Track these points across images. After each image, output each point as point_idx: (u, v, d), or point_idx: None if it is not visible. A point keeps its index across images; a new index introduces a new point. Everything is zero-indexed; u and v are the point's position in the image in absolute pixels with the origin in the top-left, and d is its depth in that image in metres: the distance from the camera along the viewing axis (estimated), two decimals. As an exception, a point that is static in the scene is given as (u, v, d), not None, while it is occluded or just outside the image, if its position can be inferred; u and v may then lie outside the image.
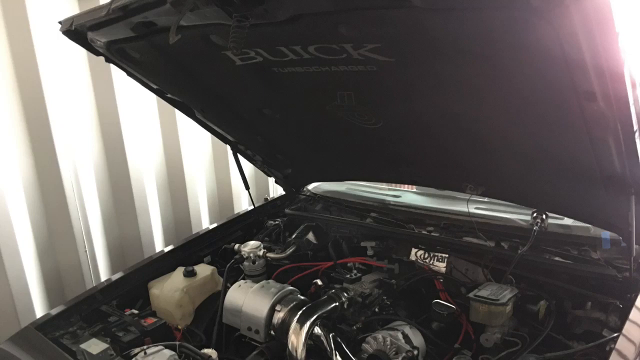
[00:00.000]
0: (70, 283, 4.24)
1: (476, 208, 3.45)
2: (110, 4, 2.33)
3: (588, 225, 2.97)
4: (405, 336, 2.67)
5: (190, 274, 3.23)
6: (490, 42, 1.96)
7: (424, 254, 3.23)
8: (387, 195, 4.06)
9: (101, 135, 4.42)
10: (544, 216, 3.04)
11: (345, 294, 2.82)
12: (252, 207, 4.17)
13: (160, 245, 4.88)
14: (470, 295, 2.68)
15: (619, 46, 1.72)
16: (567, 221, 3.12)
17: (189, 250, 3.62)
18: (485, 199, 3.47)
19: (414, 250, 3.27)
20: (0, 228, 3.71)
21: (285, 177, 4.06)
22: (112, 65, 2.90)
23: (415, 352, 2.54)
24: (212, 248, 3.71)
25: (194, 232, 4.24)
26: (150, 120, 4.69)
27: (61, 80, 4.01)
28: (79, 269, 4.26)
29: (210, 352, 2.63)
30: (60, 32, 2.68)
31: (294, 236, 3.63)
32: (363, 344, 2.66)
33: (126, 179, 4.56)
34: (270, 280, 3.05)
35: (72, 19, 2.58)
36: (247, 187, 3.95)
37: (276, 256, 3.43)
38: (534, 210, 3.07)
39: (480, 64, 2.09)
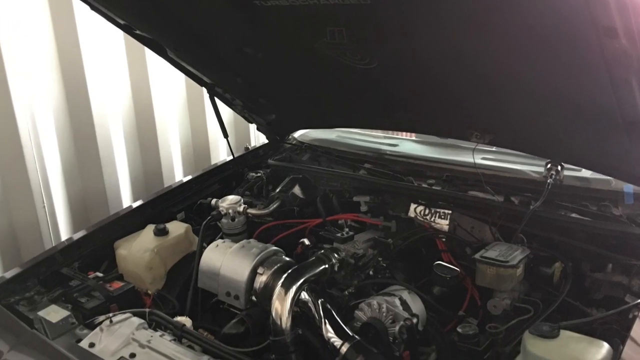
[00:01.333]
0: (26, 242, 4.21)
1: (483, 158, 3.46)
2: None
3: (608, 177, 2.96)
4: (403, 302, 2.66)
5: (161, 232, 3.22)
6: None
7: (424, 209, 3.23)
8: (382, 144, 4.06)
9: (61, 76, 4.36)
10: (558, 167, 3.02)
11: (336, 255, 2.80)
12: (231, 157, 4.17)
13: (127, 200, 4.87)
14: (476, 256, 2.67)
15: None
16: (585, 173, 3.12)
17: (160, 205, 3.62)
18: (493, 148, 3.47)
19: (413, 206, 3.27)
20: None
21: (268, 124, 4.05)
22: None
23: (415, 320, 2.53)
24: (186, 203, 3.71)
25: (165, 186, 4.24)
26: (116, 60, 4.64)
27: (15, 14, 3.95)
28: (36, 226, 4.22)
29: (183, 320, 2.63)
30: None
31: (278, 190, 3.61)
32: (356, 311, 2.66)
33: (89, 125, 4.52)
34: (251, 240, 3.04)
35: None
36: (226, 135, 3.95)
37: (258, 212, 3.42)
38: (548, 161, 3.06)
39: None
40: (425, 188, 3.33)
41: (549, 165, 3.04)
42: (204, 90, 3.79)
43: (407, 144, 4.03)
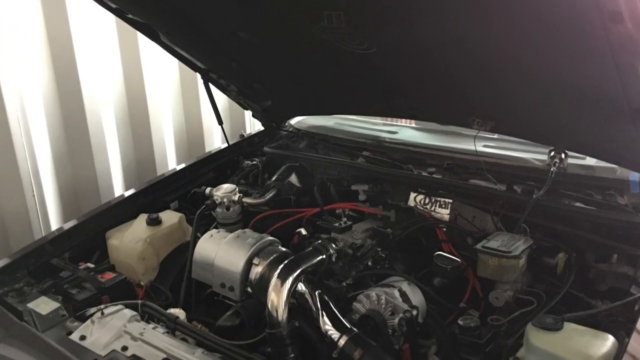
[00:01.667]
0: (15, 233, 4.19)
1: (484, 146, 3.46)
2: None
3: (614, 165, 2.98)
4: (403, 294, 2.66)
5: (154, 222, 3.22)
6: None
7: (425, 198, 3.22)
8: (381, 131, 4.06)
9: (51, 61, 4.33)
10: (562, 155, 3.02)
11: (334, 245, 2.79)
12: (225, 144, 4.15)
13: (119, 189, 4.86)
14: (478, 246, 2.67)
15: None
16: (590, 161, 3.14)
17: (153, 194, 3.61)
18: (495, 136, 3.47)
19: (412, 195, 3.26)
20: None
21: (264, 110, 4.04)
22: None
23: (415, 312, 2.53)
24: (180, 192, 3.71)
25: (158, 174, 4.30)
26: (108, 45, 4.61)
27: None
28: (25, 216, 4.21)
29: (177, 312, 2.64)
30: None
31: (274, 178, 3.61)
32: (354, 303, 2.66)
33: (80, 111, 4.50)
34: (246, 230, 3.04)
35: None
36: (220, 122, 3.92)
37: (254, 201, 3.41)
38: (551, 148, 3.06)
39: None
40: (425, 176, 3.33)
41: (552, 153, 3.03)
42: (198, 76, 3.77)
43: (406, 131, 4.02)
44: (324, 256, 2.72)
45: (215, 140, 5.44)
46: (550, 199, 2.91)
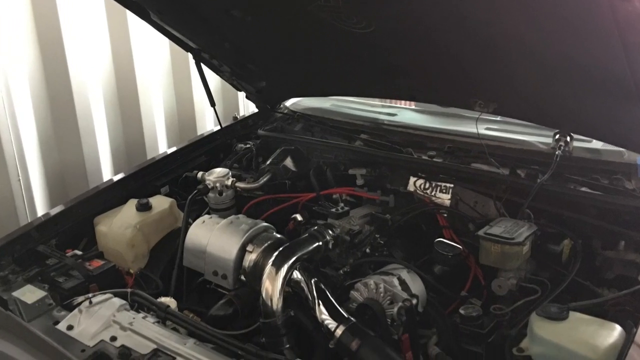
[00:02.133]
0: (0, 218, 4.19)
1: (487, 129, 3.47)
2: None
3: (621, 149, 2.98)
4: (402, 282, 2.66)
5: (144, 207, 3.21)
6: None
7: (425, 183, 3.22)
8: (380, 113, 4.08)
9: (38, 41, 4.31)
10: (567, 138, 3.03)
11: (330, 232, 2.80)
12: (218, 127, 4.16)
13: (108, 173, 4.85)
14: (480, 233, 2.67)
15: None
16: (596, 144, 3.15)
17: (143, 179, 3.61)
18: (498, 118, 3.49)
19: (412, 179, 3.26)
20: None
21: (258, 92, 4.02)
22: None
23: (414, 301, 2.52)
24: (171, 177, 3.71)
25: (148, 158, 4.29)
26: (96, 24, 4.59)
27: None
28: (11, 201, 4.22)
29: (168, 301, 2.63)
30: None
31: (268, 162, 3.61)
32: (351, 292, 2.66)
33: (67, 93, 4.49)
34: (240, 215, 3.04)
35: None
36: (213, 104, 3.92)
37: (247, 186, 3.42)
38: (556, 131, 3.07)
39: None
40: (425, 160, 3.33)
41: (557, 136, 3.04)
42: (190, 56, 3.75)
43: (406, 114, 4.02)
44: (321, 243, 2.73)
45: (207, 123, 5.44)
46: (555, 184, 2.92)
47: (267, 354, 2.27)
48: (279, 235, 2.83)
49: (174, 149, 3.95)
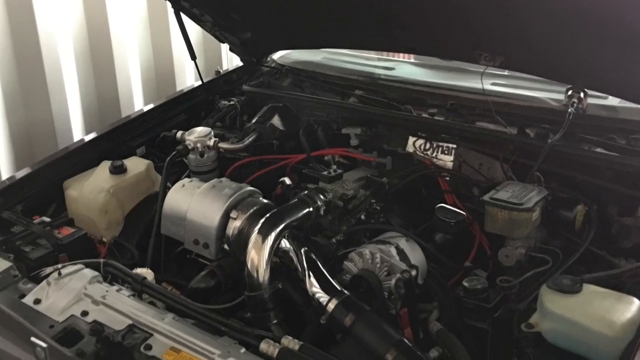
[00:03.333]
0: (-39, 182, 4.23)
1: (492, 84, 3.47)
2: None
3: (639, 106, 2.94)
4: (400, 252, 2.66)
5: (118, 170, 3.21)
6: None
7: (425, 143, 3.22)
8: (376, 67, 4.07)
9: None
10: (581, 94, 3.02)
11: (322, 197, 2.81)
12: (199, 82, 4.16)
13: (79, 132, 4.83)
14: (486, 197, 2.67)
15: None
16: (612, 101, 3.15)
17: (117, 139, 3.61)
18: (505, 72, 3.50)
19: (411, 139, 3.26)
20: None
21: (242, 44, 4.02)
22: None
23: (414, 272, 2.52)
24: (148, 136, 3.71)
25: (123, 116, 4.31)
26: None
27: None
28: (-27, 163, 4.23)
29: (144, 272, 2.63)
30: None
31: (254, 121, 3.61)
32: (345, 262, 2.67)
33: (34, 45, 4.45)
34: (223, 179, 3.06)
35: None
36: (193, 57, 3.94)
37: (231, 147, 3.42)
38: (569, 86, 3.06)
39: None
40: (425, 118, 3.32)
41: (570, 92, 3.03)
42: (168, 4, 3.75)
43: (405, 67, 4.01)
44: (311, 209, 2.73)
45: (187, 78, 5.44)
46: (568, 144, 2.91)
47: (252, 330, 2.26)
48: (265, 201, 2.84)
49: (151, 106, 3.94)
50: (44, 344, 2.18)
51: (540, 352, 2.17)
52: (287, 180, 3.09)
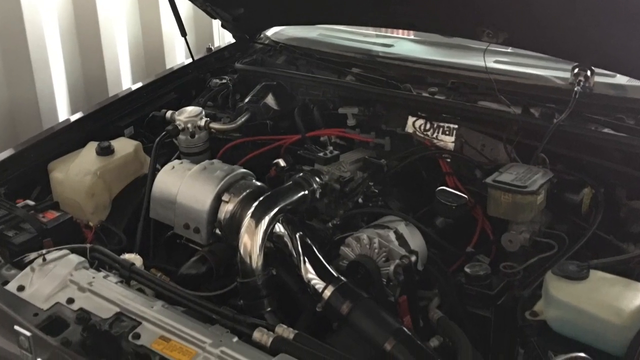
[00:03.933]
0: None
1: (495, 62, 3.47)
2: None
3: None
4: (400, 236, 2.67)
5: (105, 151, 3.21)
6: None
7: (425, 124, 3.22)
8: (374, 44, 4.07)
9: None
10: (588, 72, 3.02)
11: (318, 179, 2.81)
12: (190, 60, 4.17)
13: (64, 112, 4.83)
14: (488, 180, 2.67)
15: None
16: (621, 79, 3.16)
17: (104, 119, 3.61)
18: (509, 50, 3.50)
19: (411, 119, 3.27)
20: None
21: (235, 20, 3.99)
22: None
23: (413, 258, 2.52)
24: (136, 116, 3.71)
25: (110, 95, 4.29)
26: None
27: None
28: (-46, 143, 4.22)
29: (132, 257, 2.63)
30: None
31: (247, 100, 3.62)
32: (342, 247, 2.67)
33: (18, 21, 4.42)
34: (214, 160, 3.05)
35: None
36: (184, 33, 3.95)
37: (223, 127, 3.43)
38: (575, 64, 3.06)
39: None
40: (426, 97, 3.32)
41: (576, 70, 3.03)
42: (157, -23, 3.73)
43: (404, 44, 4.02)
44: (306, 192, 2.74)
45: (177, 55, 5.45)
46: (574, 124, 2.92)
47: (245, 318, 2.25)
48: (259, 183, 2.84)
49: (139, 84, 3.94)
50: (27, 333, 2.16)
51: (545, 340, 2.15)
52: (282, 162, 3.13)
